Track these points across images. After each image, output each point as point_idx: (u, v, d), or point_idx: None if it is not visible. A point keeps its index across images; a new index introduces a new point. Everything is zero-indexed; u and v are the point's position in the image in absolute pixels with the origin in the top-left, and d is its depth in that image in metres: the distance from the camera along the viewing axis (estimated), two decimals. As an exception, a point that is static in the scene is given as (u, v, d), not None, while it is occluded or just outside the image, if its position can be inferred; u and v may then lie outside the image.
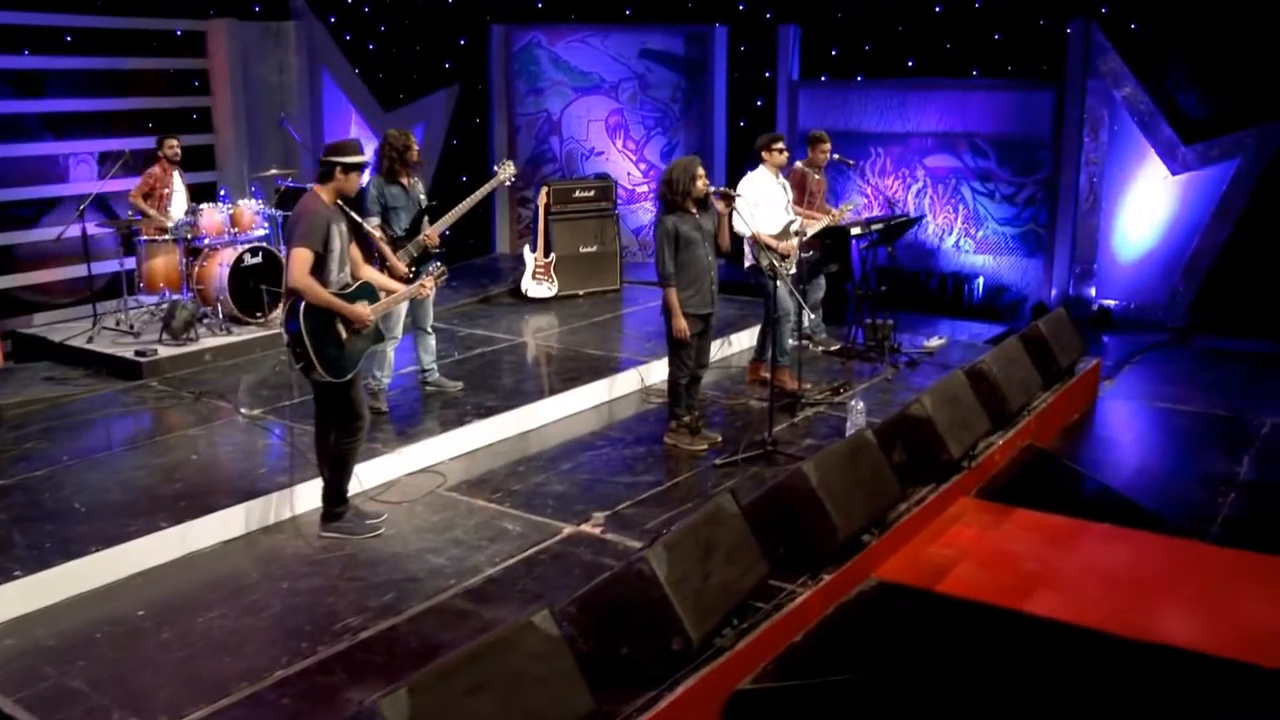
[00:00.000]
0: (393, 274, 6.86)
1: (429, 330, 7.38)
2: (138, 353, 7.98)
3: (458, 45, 12.89)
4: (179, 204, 9.09)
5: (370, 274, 5.71)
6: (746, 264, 7.87)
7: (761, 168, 7.94)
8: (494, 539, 5.60)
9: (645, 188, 13.66)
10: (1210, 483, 6.84)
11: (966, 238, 12.29)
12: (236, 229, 8.99)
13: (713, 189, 6.58)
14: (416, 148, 6.99)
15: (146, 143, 10.08)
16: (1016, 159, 11.85)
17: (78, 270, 8.96)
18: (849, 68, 13.09)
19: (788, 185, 8.04)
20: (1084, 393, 8.47)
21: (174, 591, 5.11)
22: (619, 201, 13.63)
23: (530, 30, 13.01)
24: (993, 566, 5.60)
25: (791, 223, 7.86)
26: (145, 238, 8.75)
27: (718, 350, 8.86)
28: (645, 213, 13.40)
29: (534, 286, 10.46)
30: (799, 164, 9.23)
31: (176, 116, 10.63)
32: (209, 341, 8.43)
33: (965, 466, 6.46)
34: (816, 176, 9.03)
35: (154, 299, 8.86)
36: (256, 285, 8.75)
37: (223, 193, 9.07)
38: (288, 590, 5.10)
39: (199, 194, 10.22)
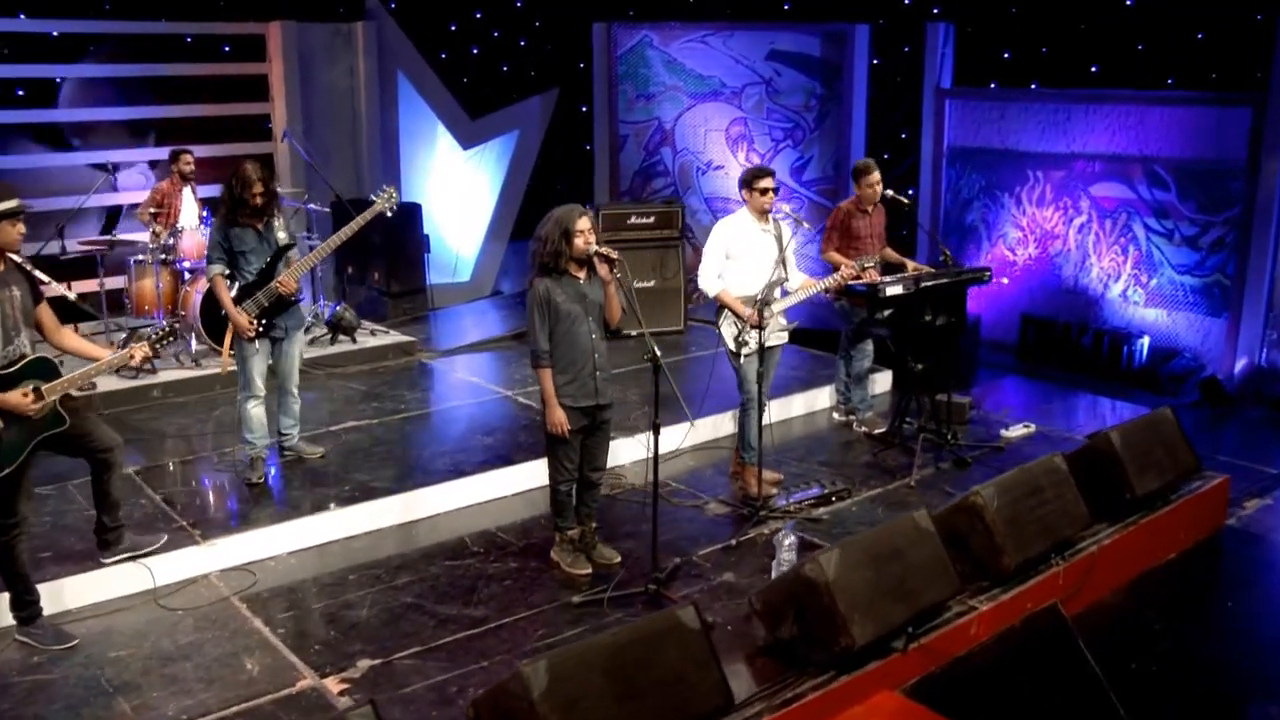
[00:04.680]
0: (235, 327, 5.90)
1: (292, 390, 6.31)
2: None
3: (556, 45, 11.76)
4: (188, 221, 8.55)
5: (69, 341, 4.86)
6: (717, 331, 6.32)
7: (743, 210, 6.34)
8: (214, 681, 4.49)
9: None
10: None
11: (1136, 286, 9.87)
12: (223, 252, 8.33)
13: (594, 249, 5.10)
14: (261, 189, 5.84)
15: (209, 151, 9.77)
16: (1203, 191, 9.34)
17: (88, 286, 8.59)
18: (1022, 73, 10.90)
19: (786, 231, 6.35)
20: (1189, 526, 6.27)
21: None
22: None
23: (640, 29, 11.69)
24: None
25: (775, 284, 6.18)
26: (136, 258, 8.28)
27: (713, 426, 7.31)
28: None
29: (567, 325, 9.19)
30: (845, 202, 7.49)
31: (235, 124, 10.20)
32: (168, 375, 7.80)
33: (896, 649, 4.67)
34: (861, 218, 7.28)
35: (141, 322, 8.38)
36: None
37: (205, 213, 8.45)
38: (-72, 730, 4.22)
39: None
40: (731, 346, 6.18)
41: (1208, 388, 8.90)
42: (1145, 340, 9.67)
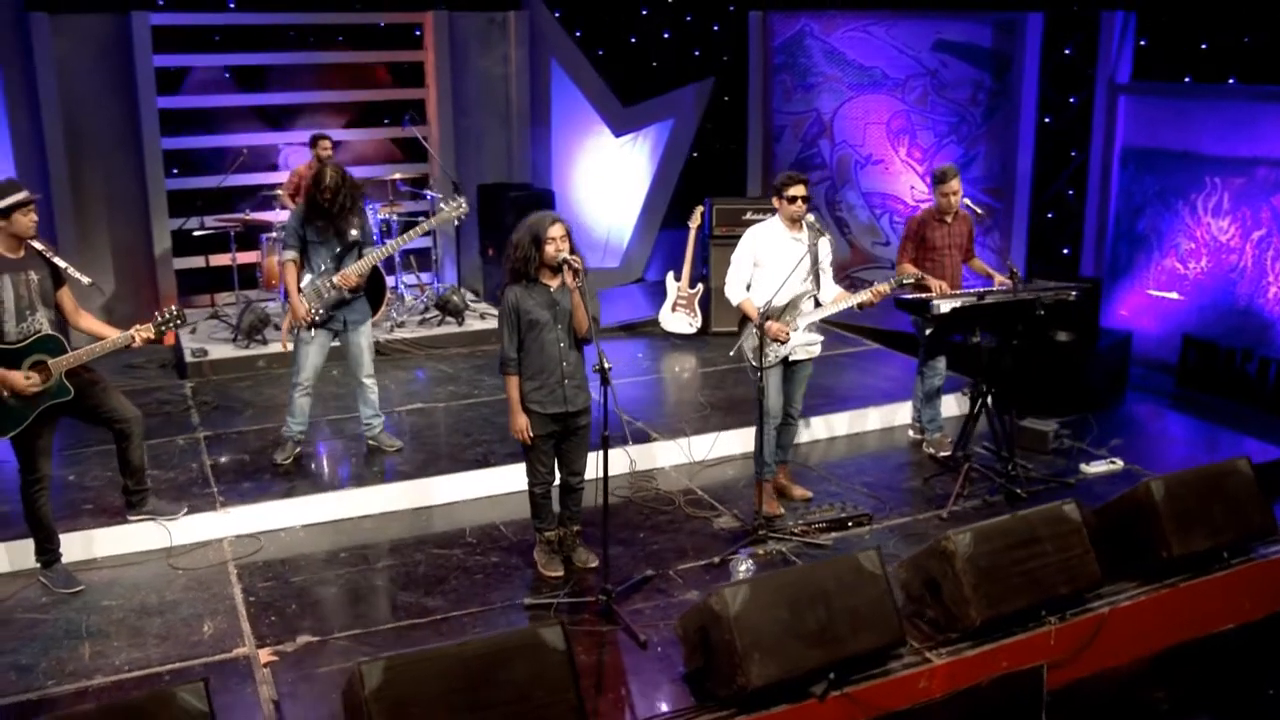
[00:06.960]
0: (293, 315, 6.29)
1: (365, 380, 6.59)
2: (194, 351, 8.20)
3: (713, 34, 11.63)
4: (324, 203, 9.16)
5: (86, 322, 5.29)
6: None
7: (775, 218, 6.11)
8: (168, 639, 4.88)
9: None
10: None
11: (1317, 312, 8.71)
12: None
13: (563, 256, 5.09)
14: (330, 195, 6.12)
15: (363, 134, 10.47)
16: (1399, 209, 8.11)
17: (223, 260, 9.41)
18: (1218, 67, 9.80)
19: (825, 245, 6.07)
20: (1256, 595, 5.56)
21: None
22: (899, 217, 11.67)
23: (799, 18, 11.36)
24: None
25: (802, 296, 5.94)
26: (268, 235, 8.96)
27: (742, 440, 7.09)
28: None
29: (671, 319, 9.18)
30: (922, 209, 7.08)
31: (391, 109, 10.80)
32: (277, 347, 8.40)
33: (813, 694, 4.44)
34: (939, 228, 6.87)
35: (268, 296, 9.09)
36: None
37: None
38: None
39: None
40: (750, 358, 5.99)
41: (1374, 433, 7.76)
42: (1316, 373, 8.53)
